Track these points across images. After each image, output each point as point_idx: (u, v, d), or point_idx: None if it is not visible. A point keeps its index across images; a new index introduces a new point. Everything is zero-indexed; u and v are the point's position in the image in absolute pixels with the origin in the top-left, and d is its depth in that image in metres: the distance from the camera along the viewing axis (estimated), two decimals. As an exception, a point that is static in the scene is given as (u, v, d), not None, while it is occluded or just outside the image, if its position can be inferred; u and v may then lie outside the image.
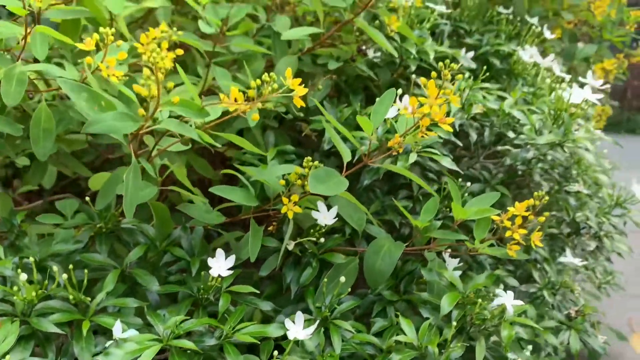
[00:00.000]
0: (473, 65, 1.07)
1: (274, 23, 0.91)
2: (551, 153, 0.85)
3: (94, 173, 0.99)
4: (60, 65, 0.87)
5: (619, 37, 1.61)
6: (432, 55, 0.92)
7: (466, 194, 0.94)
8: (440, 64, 0.64)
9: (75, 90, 0.57)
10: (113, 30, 0.65)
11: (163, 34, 0.83)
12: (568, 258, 0.95)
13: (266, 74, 0.65)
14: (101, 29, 0.65)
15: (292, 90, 0.62)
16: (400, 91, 0.83)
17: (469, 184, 0.86)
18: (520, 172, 0.97)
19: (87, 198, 0.72)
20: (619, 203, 1.14)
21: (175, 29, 0.83)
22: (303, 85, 0.66)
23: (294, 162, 0.90)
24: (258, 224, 0.76)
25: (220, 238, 0.80)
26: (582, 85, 0.85)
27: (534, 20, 1.29)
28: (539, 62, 1.05)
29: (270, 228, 0.78)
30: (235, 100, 0.65)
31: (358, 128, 0.89)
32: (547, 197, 0.71)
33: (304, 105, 0.65)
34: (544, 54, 1.50)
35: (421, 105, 0.66)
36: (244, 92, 0.65)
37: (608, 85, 1.71)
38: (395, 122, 0.75)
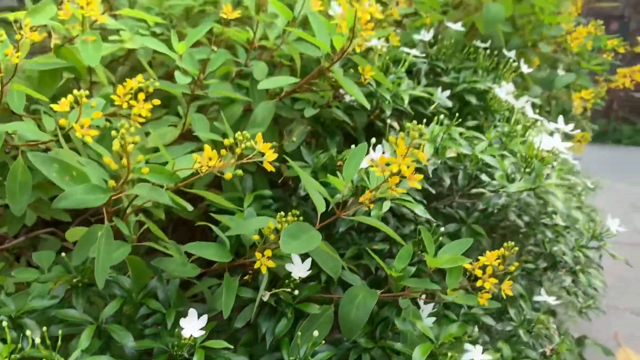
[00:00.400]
0: (449, 104, 1.09)
1: (253, 67, 0.93)
2: (523, 197, 0.87)
3: (74, 213, 1.00)
4: (37, 112, 0.89)
5: (597, 66, 1.64)
6: (406, 100, 0.94)
7: (443, 236, 0.96)
8: (408, 124, 0.65)
9: (45, 164, 0.58)
10: (87, 92, 0.66)
11: (140, 84, 0.84)
12: (543, 297, 0.97)
13: (239, 132, 0.66)
14: (75, 92, 0.65)
15: (263, 154, 0.63)
16: (374, 140, 0.85)
17: (442, 229, 0.88)
18: (495, 211, 0.98)
19: (63, 254, 0.73)
20: (595, 236, 1.16)
21: (152, 79, 0.85)
22: (280, 129, 0.67)
23: (272, 206, 0.91)
24: (234, 272, 0.78)
25: (195, 287, 0.81)
26: (554, 131, 0.87)
27: (511, 54, 1.31)
28: (512, 104, 1.07)
29: (246, 277, 0.79)
30: (210, 158, 0.66)
31: (333, 172, 0.91)
32: (516, 248, 0.73)
33: (273, 169, 0.66)
34: (523, 82, 1.52)
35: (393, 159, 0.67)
36: (218, 148, 0.67)
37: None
38: (369, 171, 0.76)
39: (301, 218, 0.78)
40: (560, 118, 0.93)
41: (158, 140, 0.93)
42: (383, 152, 0.81)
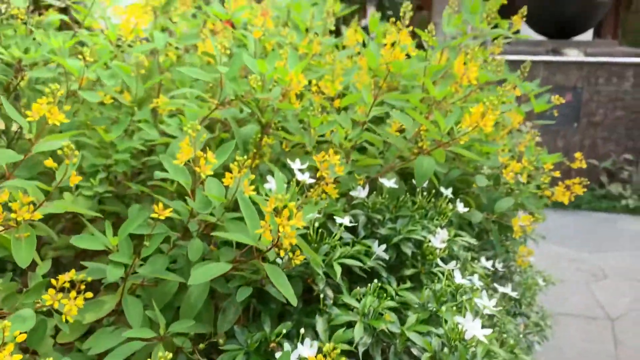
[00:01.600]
0: (386, 257, 1.14)
1: (189, 246, 0.95)
2: (451, 375, 0.90)
3: None
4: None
5: (537, 190, 1.73)
6: (338, 273, 0.98)
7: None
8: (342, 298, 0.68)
9: None
10: (9, 323, 0.67)
11: (72, 278, 0.86)
12: None
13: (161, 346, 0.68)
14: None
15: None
16: (302, 331, 0.88)
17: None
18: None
19: None
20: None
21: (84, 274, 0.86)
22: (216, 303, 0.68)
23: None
24: None
25: None
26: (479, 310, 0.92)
27: (448, 192, 1.38)
28: (442, 266, 1.12)
29: None
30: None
31: (267, 354, 0.93)
32: None
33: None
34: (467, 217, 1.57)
35: None
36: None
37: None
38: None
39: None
40: (485, 297, 0.98)
41: (94, 316, 0.95)
42: (311, 346, 0.83)
